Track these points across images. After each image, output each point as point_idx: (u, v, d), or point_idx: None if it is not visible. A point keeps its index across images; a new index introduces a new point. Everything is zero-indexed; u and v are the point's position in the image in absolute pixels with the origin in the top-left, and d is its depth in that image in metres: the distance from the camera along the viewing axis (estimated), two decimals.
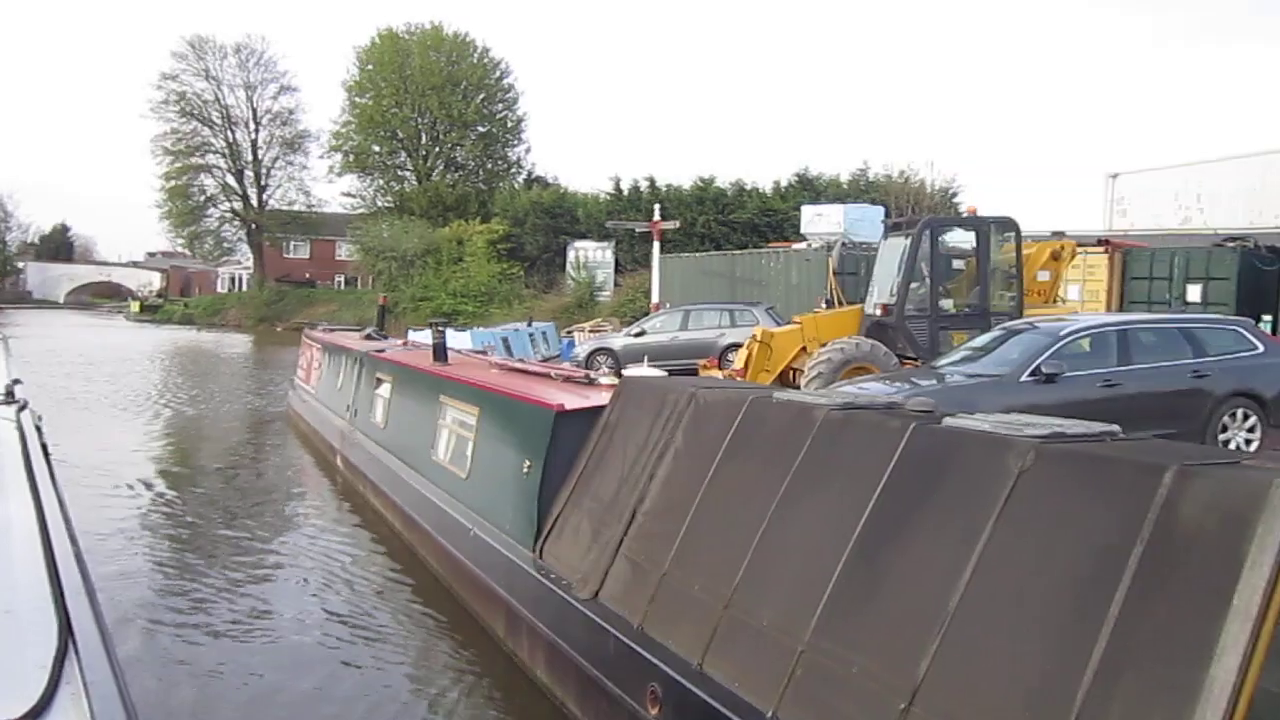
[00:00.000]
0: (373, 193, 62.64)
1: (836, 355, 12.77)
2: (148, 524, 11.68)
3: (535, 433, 7.17)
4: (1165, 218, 35.98)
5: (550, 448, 6.95)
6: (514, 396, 7.81)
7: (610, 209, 47.18)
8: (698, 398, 6.07)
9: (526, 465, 7.14)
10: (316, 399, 16.69)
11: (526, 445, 7.28)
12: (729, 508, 5.29)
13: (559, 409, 6.95)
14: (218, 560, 10.18)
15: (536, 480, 6.97)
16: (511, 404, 7.82)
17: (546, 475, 6.95)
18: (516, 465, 7.34)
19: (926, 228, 13.37)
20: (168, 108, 61.59)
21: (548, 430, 6.96)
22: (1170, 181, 39.28)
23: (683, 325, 21.34)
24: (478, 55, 61.11)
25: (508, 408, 7.88)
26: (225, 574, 9.59)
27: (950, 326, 13.23)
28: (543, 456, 6.96)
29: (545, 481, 6.94)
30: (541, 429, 7.05)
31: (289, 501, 13.01)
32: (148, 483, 13.81)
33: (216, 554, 10.39)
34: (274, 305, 61.02)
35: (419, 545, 9.23)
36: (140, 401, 22.41)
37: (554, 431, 6.94)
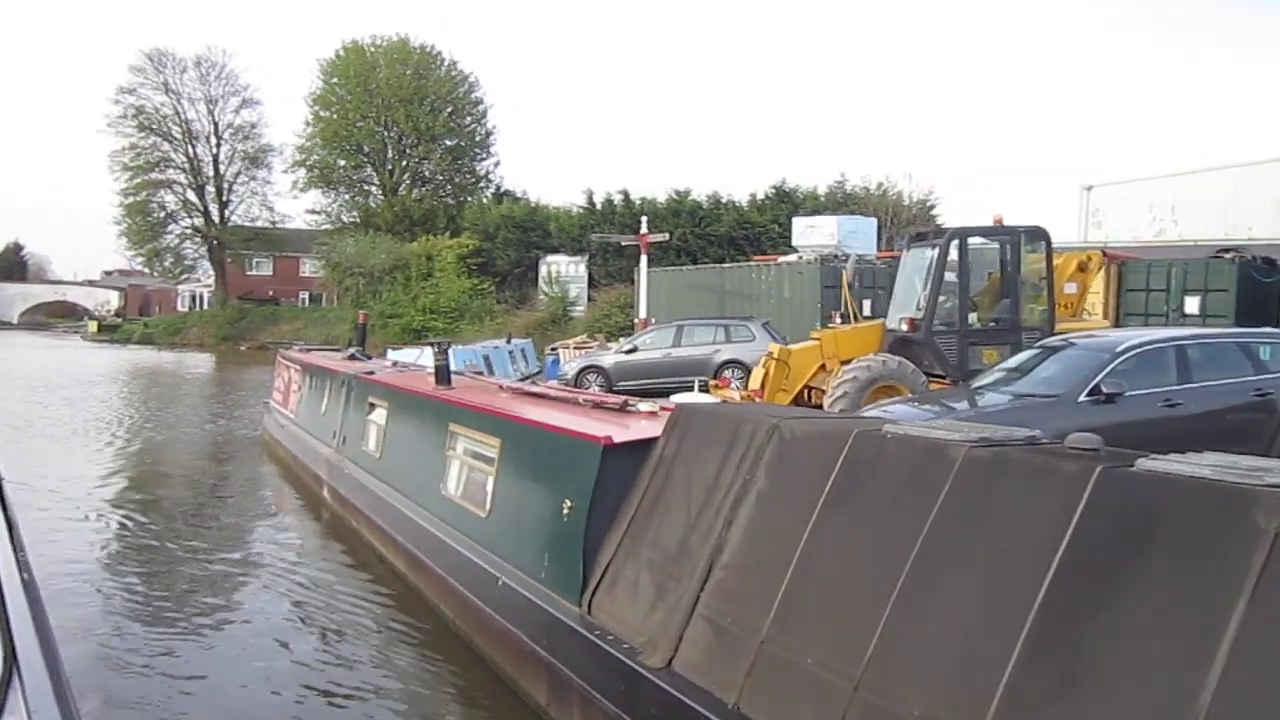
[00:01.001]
0: (338, 208, 61.51)
1: (863, 373, 12.00)
2: (110, 559, 10.69)
3: (578, 469, 6.29)
4: (1140, 229, 35.91)
5: (597, 486, 6.07)
6: (548, 428, 6.92)
7: (583, 222, 46.43)
8: (781, 431, 5.23)
9: (566, 506, 6.25)
10: (296, 424, 15.66)
11: (566, 483, 6.40)
12: (845, 564, 4.45)
13: (607, 442, 6.08)
14: (191, 598, 9.20)
15: (580, 523, 6.09)
16: (544, 436, 6.93)
17: (592, 518, 6.06)
18: (552, 505, 6.45)
19: (955, 238, 12.66)
20: (125, 122, 60.25)
21: (594, 466, 6.08)
22: (1145, 193, 39.29)
23: (676, 341, 20.55)
24: (445, 68, 60.26)
25: (539, 440, 6.99)
26: (197, 613, 8.66)
27: (980, 342, 12.52)
28: (588, 496, 6.08)
29: (591, 525, 6.06)
30: (586, 465, 6.17)
31: (271, 535, 11.97)
32: (111, 513, 12.75)
33: (189, 591, 9.40)
34: (237, 324, 59.56)
35: (430, 591, 8.28)
36: (102, 427, 21.18)
37: (602, 468, 6.06)
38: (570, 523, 6.20)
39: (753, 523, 5.09)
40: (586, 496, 6.08)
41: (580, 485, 6.19)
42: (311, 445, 13.92)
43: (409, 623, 8.22)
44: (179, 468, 16.71)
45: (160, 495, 14.41)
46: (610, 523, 6.10)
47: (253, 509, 13.59)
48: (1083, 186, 42.06)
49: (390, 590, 9.09)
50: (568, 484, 6.36)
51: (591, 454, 6.13)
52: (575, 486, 6.25)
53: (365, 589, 9.33)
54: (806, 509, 4.76)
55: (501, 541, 7.16)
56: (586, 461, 6.17)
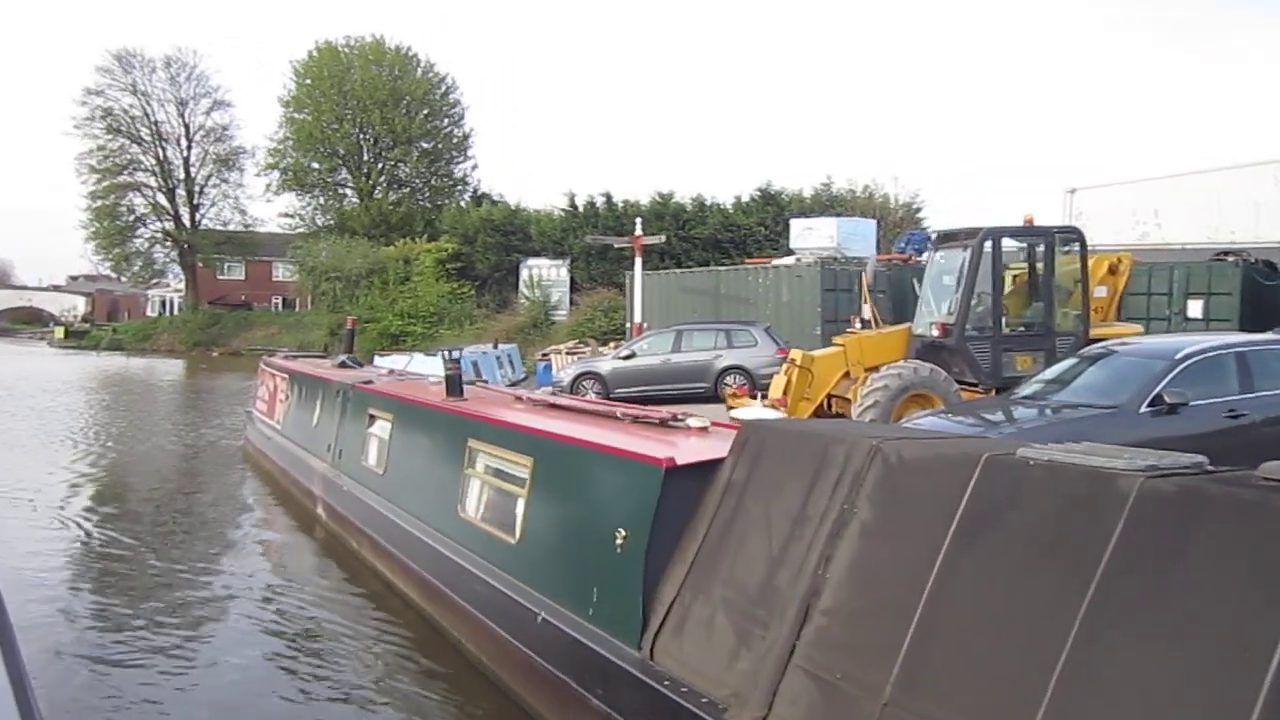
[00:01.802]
0: (312, 211, 60.38)
1: (894, 381, 11.38)
2: (85, 583, 9.94)
3: (634, 494, 5.60)
4: (1123, 233, 35.72)
5: (658, 514, 5.38)
6: (596, 447, 6.21)
7: (565, 225, 45.72)
8: (885, 454, 4.57)
9: (620, 535, 5.56)
10: (283, 435, 14.84)
11: (619, 509, 5.71)
12: (989, 616, 3.78)
13: (669, 464, 5.39)
14: (173, 624, 8.46)
15: (638, 556, 5.40)
16: (590, 456, 6.22)
17: (652, 550, 5.38)
18: (601, 534, 5.75)
19: (988, 238, 12.04)
20: (93, 124, 58.92)
21: (654, 492, 5.39)
22: (1128, 197, 39.19)
23: (675, 347, 19.86)
24: (421, 70, 59.30)
25: (583, 460, 6.29)
26: (179, 643, 7.94)
27: (1014, 348, 11.93)
28: (647, 525, 5.39)
29: (651, 558, 5.38)
30: (644, 490, 5.48)
31: (262, 554, 11.19)
32: (86, 531, 11.96)
33: (172, 617, 8.63)
34: (209, 329, 58.38)
35: (451, 623, 7.55)
36: (73, 437, 20.23)
37: (663, 493, 5.37)
38: (626, 555, 5.51)
39: (858, 561, 4.43)
40: (646, 525, 5.39)
41: (638, 513, 5.50)
42: (302, 458, 13.12)
43: (428, 658, 7.49)
44: (157, 480, 15.84)
45: (138, 510, 13.59)
46: (672, 555, 5.42)
47: (240, 525, 12.79)
48: (1066, 190, 41.88)
49: (402, 620, 8.34)
50: (621, 511, 5.67)
51: (651, 478, 5.44)
52: (631, 514, 5.56)
53: (371, 617, 8.59)
54: (929, 547, 4.10)
55: (538, 572, 6.45)
56: (645, 486, 5.48)
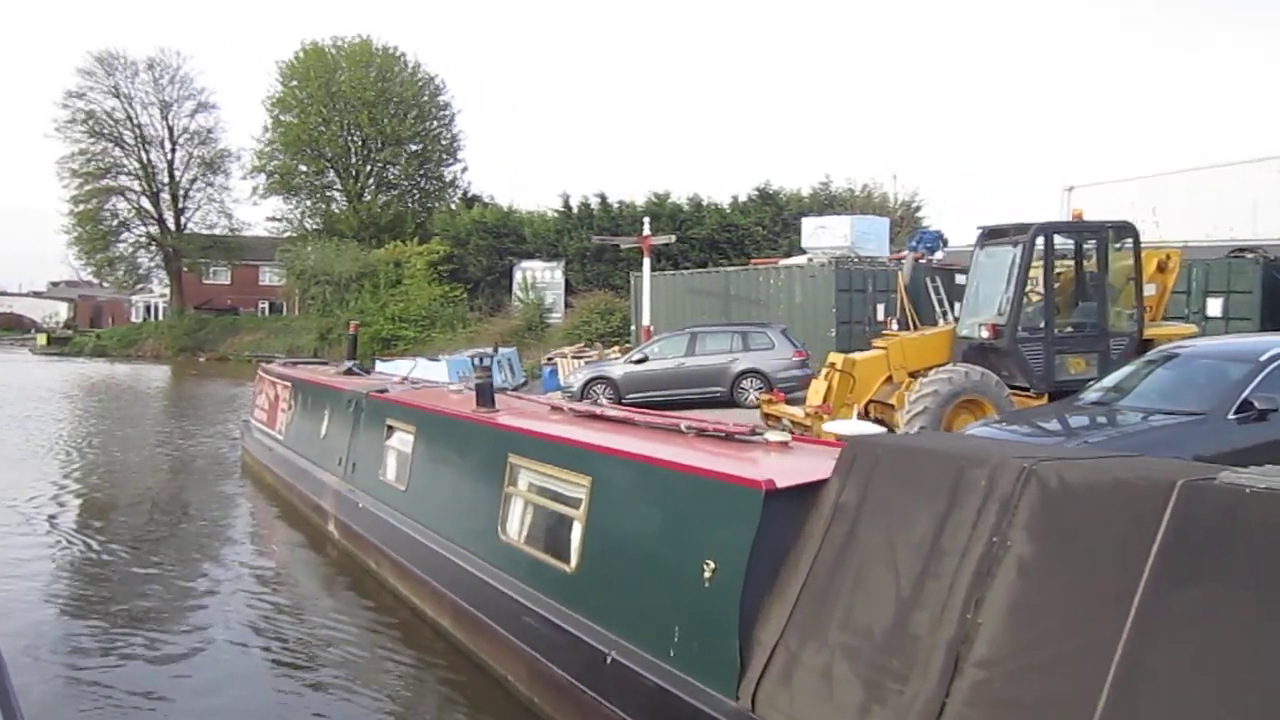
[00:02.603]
0: (300, 214, 59.45)
1: (944, 387, 10.74)
2: (76, 603, 9.24)
3: (727, 521, 4.93)
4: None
5: (757, 544, 4.72)
6: (672, 466, 5.53)
7: (559, 226, 45.06)
8: (1042, 477, 3.92)
9: (709, 568, 4.89)
10: (286, 446, 14.11)
11: (706, 537, 5.04)
12: (1216, 676, 3.14)
13: (769, 487, 4.72)
14: (176, 653, 7.80)
15: (733, 591, 4.74)
16: (667, 476, 5.54)
17: (749, 584, 4.72)
18: (684, 565, 5.09)
19: (1040, 234, 11.39)
20: (74, 127, 57.72)
21: (753, 519, 4.72)
22: (1125, 194, 38.96)
23: (689, 350, 19.18)
24: (409, 71, 58.48)
25: (658, 481, 5.60)
26: (184, 672, 7.31)
27: (1067, 350, 11.32)
28: (744, 557, 4.72)
29: (747, 593, 4.72)
30: (740, 516, 4.82)
31: (268, 575, 10.44)
32: (77, 547, 11.33)
33: (174, 643, 7.98)
34: (195, 334, 57.36)
35: (497, 659, 6.84)
36: (60, 448, 19.44)
37: (763, 520, 4.71)
38: (717, 589, 4.84)
39: (1020, 604, 3.77)
40: (742, 557, 4.73)
41: (732, 542, 4.83)
42: (309, 471, 12.40)
43: (470, 699, 6.80)
44: (150, 493, 15.03)
45: (132, 525, 12.79)
46: (771, 591, 4.76)
47: (242, 541, 12.08)
48: (1064, 187, 41.63)
49: (434, 650, 7.65)
50: (709, 539, 5.00)
51: (748, 503, 4.77)
52: (723, 543, 4.89)
53: (397, 646, 7.89)
54: (1117, 590, 3.46)
55: (601, 605, 5.78)
56: (741, 512, 4.81)
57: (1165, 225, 34.90)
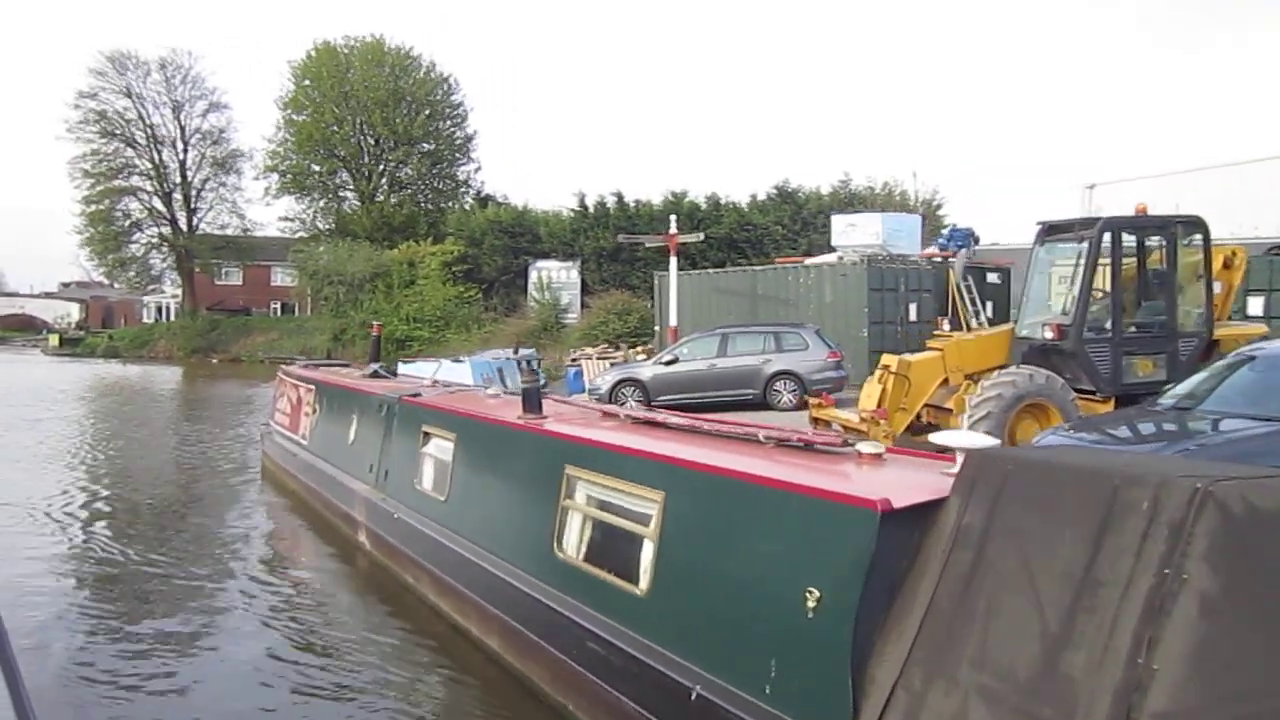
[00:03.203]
0: (312, 215, 59.14)
1: (1008, 390, 10.22)
2: (96, 616, 8.76)
3: (834, 544, 4.43)
4: None
5: (871, 572, 4.22)
6: (766, 483, 5.02)
7: (575, 226, 44.61)
8: (1223, 499, 3.41)
9: (812, 597, 4.39)
10: (311, 451, 13.64)
11: (809, 562, 4.54)
12: None
13: (884, 508, 4.22)
14: (196, 665, 7.43)
15: (843, 623, 4.24)
16: (758, 493, 5.03)
17: (862, 617, 4.22)
18: (782, 592, 4.60)
19: (1107, 229, 10.86)
20: (86, 128, 57.43)
21: (867, 543, 4.23)
22: (1146, 192, 38.34)
23: (721, 351, 18.65)
24: (423, 70, 58.13)
25: (749, 498, 5.09)
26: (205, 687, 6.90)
27: (1135, 351, 10.79)
28: (858, 584, 4.23)
29: (860, 627, 4.22)
30: (850, 540, 4.32)
31: (295, 587, 9.94)
32: (96, 556, 10.91)
33: (194, 655, 7.57)
34: (207, 335, 56.98)
35: (555, 686, 6.35)
36: (74, 451, 19.01)
37: (879, 544, 4.21)
38: (823, 620, 4.34)
39: (1208, 648, 3.27)
40: (855, 585, 4.23)
41: (841, 568, 4.33)
42: (336, 478, 11.93)
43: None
44: (168, 498, 14.61)
45: (151, 532, 12.31)
46: (885, 623, 4.26)
47: (266, 550, 11.57)
48: (1085, 185, 41.10)
49: (483, 675, 7.17)
50: (813, 564, 4.50)
51: (860, 525, 4.27)
52: (830, 569, 4.39)
53: (439, 665, 7.43)
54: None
55: (679, 634, 5.28)
56: (852, 535, 4.31)
57: None
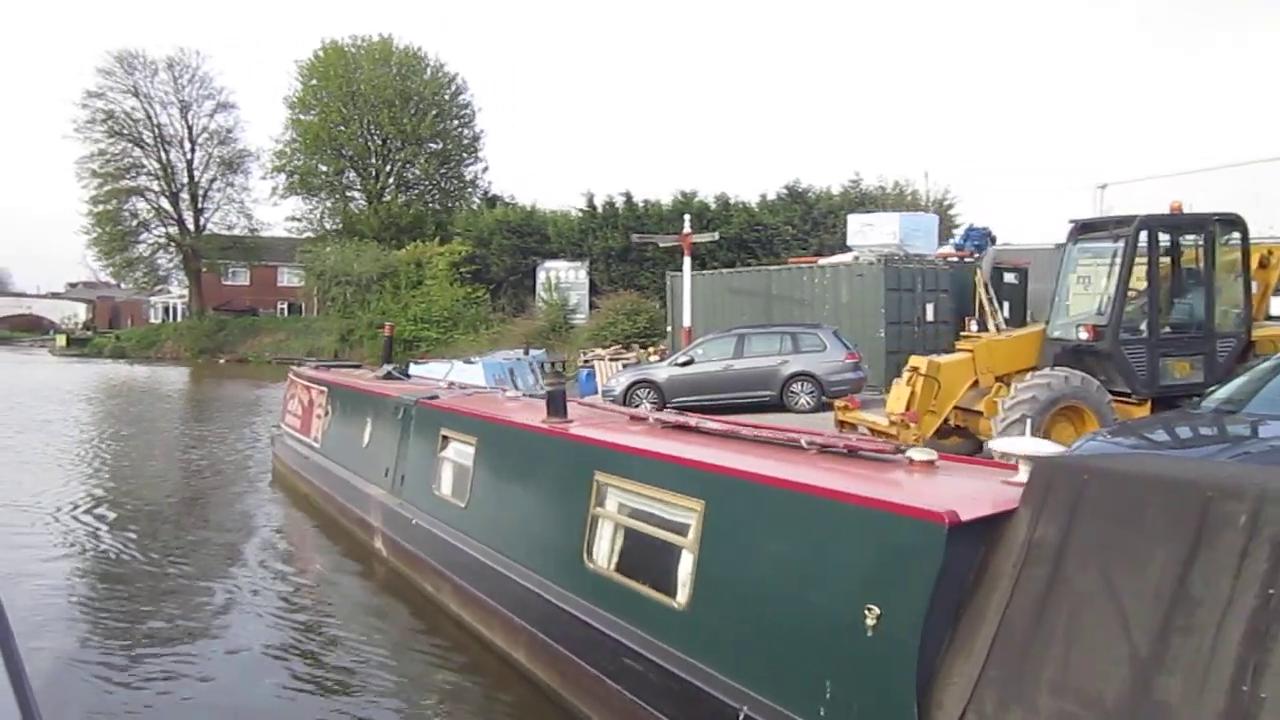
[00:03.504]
0: (319, 215, 58.99)
1: (1043, 393, 9.94)
2: (99, 623, 8.50)
3: (897, 559, 4.18)
4: None
5: (937, 589, 3.96)
6: (817, 491, 4.76)
7: (583, 226, 44.38)
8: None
9: (872, 614, 4.14)
10: (323, 454, 13.41)
11: (867, 578, 4.28)
12: None
13: (952, 521, 3.96)
14: (208, 676, 7.15)
15: (908, 643, 3.99)
16: (810, 503, 4.77)
17: (928, 636, 3.96)
18: (838, 609, 4.34)
19: (1144, 228, 10.58)
20: (94, 127, 57.35)
21: (934, 557, 3.97)
22: (1160, 192, 38.06)
23: (737, 352, 18.37)
24: (430, 70, 57.96)
25: (795, 508, 4.83)
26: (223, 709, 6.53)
27: (1171, 352, 10.51)
28: (923, 603, 3.97)
29: (925, 646, 3.96)
30: (915, 554, 4.06)
31: (309, 593, 9.71)
32: (104, 558, 10.77)
33: (214, 671, 7.26)
34: (215, 336, 56.80)
35: (591, 705, 6.08)
36: (82, 453, 18.81)
37: (946, 561, 3.95)
38: (884, 640, 4.08)
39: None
40: (920, 602, 3.97)
41: (905, 584, 4.07)
42: (350, 482, 11.69)
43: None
44: (179, 502, 14.35)
45: (159, 535, 12.05)
46: (952, 643, 4.00)
47: (278, 554, 11.33)
48: (1096, 185, 40.75)
49: (505, 681, 6.93)
50: (873, 580, 4.24)
51: (926, 538, 4.01)
52: (893, 585, 4.13)
53: (462, 677, 7.18)
54: None
55: (723, 650, 5.03)
56: (917, 548, 4.05)
57: None
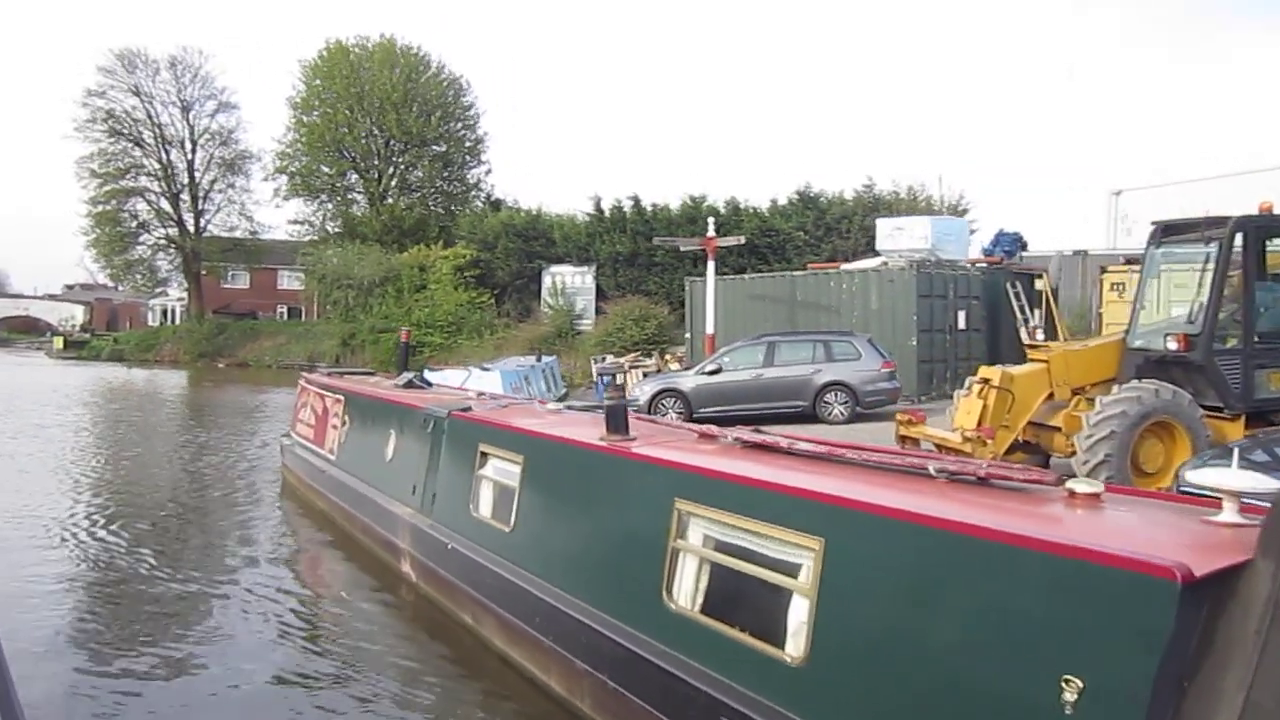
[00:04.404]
0: (321, 217, 58.22)
1: (1132, 407, 9.17)
2: (99, 650, 7.70)
3: (1107, 621, 3.41)
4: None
5: (1165, 660, 3.20)
6: (974, 532, 3.98)
7: (591, 230, 43.63)
8: None
9: (1072, 688, 3.37)
10: (340, 467, 12.62)
11: (1066, 645, 3.50)
12: None
13: (1186, 578, 3.20)
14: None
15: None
16: (969, 546, 3.99)
17: (1153, 715, 3.20)
18: (1024, 681, 3.58)
19: (1240, 229, 9.81)
20: (94, 126, 56.59)
21: (1161, 621, 3.21)
22: (1176, 199, 37.57)
23: (767, 360, 17.63)
24: (434, 71, 57.32)
25: (953, 552, 4.05)
26: None
27: (1268, 363, 9.75)
28: (1147, 678, 3.21)
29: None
30: (1134, 616, 3.30)
31: (330, 621, 8.96)
32: (103, 577, 10.01)
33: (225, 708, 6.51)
34: (214, 339, 55.97)
35: None
36: (81, 461, 18.05)
37: (1177, 625, 3.19)
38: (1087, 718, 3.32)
39: None
40: (1145, 676, 3.21)
41: (1122, 654, 3.31)
42: (371, 498, 10.90)
43: None
44: (181, 513, 13.52)
45: (162, 549, 11.27)
46: None
47: (294, 575, 10.55)
48: (1111, 191, 40.21)
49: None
50: (1074, 646, 3.47)
51: (1151, 597, 3.25)
52: (1104, 654, 3.36)
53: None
54: None
55: (852, 715, 4.26)
56: (1136, 609, 3.29)
57: None
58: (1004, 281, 21.93)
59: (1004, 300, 21.88)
